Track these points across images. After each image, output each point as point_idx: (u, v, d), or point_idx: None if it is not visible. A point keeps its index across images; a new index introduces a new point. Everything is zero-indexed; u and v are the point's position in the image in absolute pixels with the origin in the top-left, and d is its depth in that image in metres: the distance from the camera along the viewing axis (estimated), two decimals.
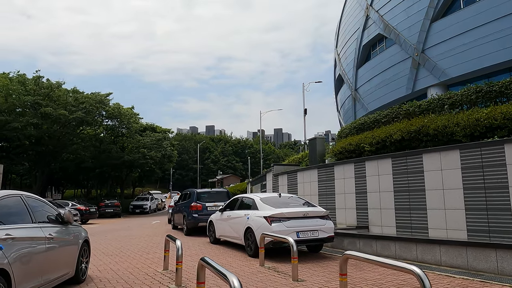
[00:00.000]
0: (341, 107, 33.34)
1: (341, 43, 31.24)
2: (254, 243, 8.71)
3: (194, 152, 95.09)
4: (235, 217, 9.96)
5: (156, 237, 13.84)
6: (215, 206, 13.96)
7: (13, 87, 30.94)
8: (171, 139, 47.19)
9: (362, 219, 12.30)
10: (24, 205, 4.83)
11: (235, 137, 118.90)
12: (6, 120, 30.22)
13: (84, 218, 24.29)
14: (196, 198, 14.09)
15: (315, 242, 8.70)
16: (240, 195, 11.33)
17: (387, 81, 23.92)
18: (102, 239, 13.90)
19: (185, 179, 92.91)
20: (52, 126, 32.01)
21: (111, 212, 31.69)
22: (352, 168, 12.98)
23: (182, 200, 15.71)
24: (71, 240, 5.93)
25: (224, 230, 10.66)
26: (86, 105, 32.35)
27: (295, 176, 16.64)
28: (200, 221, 13.59)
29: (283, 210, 8.55)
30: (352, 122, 16.45)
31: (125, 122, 36.68)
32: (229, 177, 78.59)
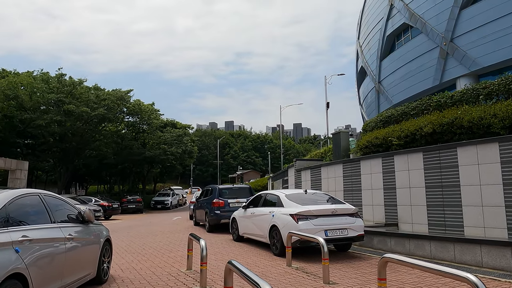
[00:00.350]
0: (363, 100, 32.50)
1: (363, 34, 30.36)
2: (279, 242, 8.36)
3: (214, 148, 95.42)
4: (259, 215, 9.62)
5: (178, 234, 13.66)
6: (237, 203, 13.67)
7: (37, 85, 31.46)
8: (191, 135, 47.25)
9: (391, 216, 11.77)
10: (43, 204, 4.61)
11: (254, 132, 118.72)
12: (31, 118, 30.79)
13: (107, 214, 24.48)
14: (218, 194, 13.83)
15: (345, 241, 8.28)
16: (264, 191, 10.98)
17: (412, 72, 23.05)
18: (125, 235, 13.83)
19: (205, 174, 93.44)
20: (75, 123, 32.43)
21: (133, 208, 31.92)
22: (379, 163, 12.44)
23: (204, 197, 15.49)
24: (92, 240, 5.71)
25: (247, 227, 10.35)
26: (107, 101, 32.60)
27: (318, 171, 16.18)
28: (222, 218, 13.33)
29: (310, 208, 8.15)
30: (378, 115, 15.83)
31: (145, 118, 36.86)
32: (249, 173, 78.51)
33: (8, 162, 22.06)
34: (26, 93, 31.12)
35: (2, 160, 21.69)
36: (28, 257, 3.75)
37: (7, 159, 22.33)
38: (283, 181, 24.09)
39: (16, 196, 4.15)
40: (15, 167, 22.42)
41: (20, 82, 31.19)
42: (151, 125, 38.17)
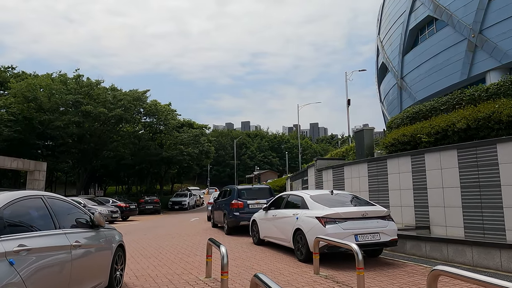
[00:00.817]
0: (384, 97, 31.50)
1: (384, 29, 29.39)
2: (305, 247, 7.74)
3: (231, 148, 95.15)
4: (281, 217, 9.02)
5: (196, 236, 13.18)
6: (257, 204, 13.10)
7: (55, 86, 31.62)
8: (208, 135, 46.96)
9: (422, 218, 10.99)
10: (46, 207, 4.12)
11: (271, 132, 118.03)
12: (49, 119, 30.97)
13: (124, 215, 24.28)
14: (237, 195, 13.28)
15: (376, 246, 7.59)
16: (286, 192, 10.35)
17: (438, 67, 22.05)
18: (141, 238, 13.43)
19: (222, 175, 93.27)
20: (93, 124, 32.49)
21: (151, 209, 31.74)
22: (408, 161, 11.66)
23: (222, 197, 14.98)
24: (103, 246, 5.22)
25: (269, 230, 9.75)
26: (124, 102, 32.54)
27: (341, 170, 15.46)
28: (241, 220, 12.78)
29: (339, 210, 7.50)
30: (404, 111, 15.03)
31: (162, 119, 36.71)
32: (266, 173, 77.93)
33: (27, 163, 22.06)
34: (44, 94, 31.33)
35: (20, 161, 21.70)
36: (25, 270, 3.25)
37: (25, 160, 22.34)
38: (303, 181, 23.41)
39: (14, 199, 3.66)
40: (33, 168, 22.41)
41: (39, 84, 31.42)
42: (168, 125, 38.01)
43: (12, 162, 21.19)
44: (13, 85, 31.53)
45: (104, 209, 21.25)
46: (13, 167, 21.40)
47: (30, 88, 30.60)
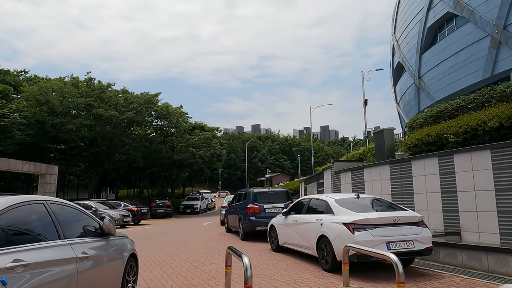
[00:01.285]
0: (400, 98, 30.66)
1: (400, 27, 28.61)
2: (331, 256, 7.13)
3: (242, 151, 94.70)
4: (303, 223, 8.42)
5: (210, 242, 12.64)
6: (274, 208, 12.53)
7: (66, 89, 31.52)
8: (220, 138, 46.56)
9: (451, 223, 10.28)
10: (48, 215, 3.61)
11: (282, 135, 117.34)
12: (61, 123, 30.85)
13: (136, 219, 23.90)
14: (253, 199, 12.71)
15: (410, 255, 6.96)
16: (307, 196, 9.75)
17: (458, 65, 21.22)
18: (154, 243, 12.95)
19: (233, 178, 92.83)
20: (105, 128, 32.32)
21: (163, 213, 31.36)
22: (435, 163, 10.97)
23: (237, 201, 14.43)
24: (114, 256, 4.71)
25: (289, 237, 9.16)
26: (135, 105, 32.31)
27: (361, 173, 14.80)
28: (258, 225, 12.21)
29: (368, 215, 6.89)
30: (428, 110, 14.31)
31: (174, 121, 36.39)
32: (278, 176, 77.23)
33: (38, 167, 21.83)
34: (56, 98, 31.26)
35: (32, 165, 21.48)
36: None
37: (37, 164, 22.12)
38: (318, 184, 22.75)
39: (10, 205, 3.16)
40: (45, 171, 22.18)
41: (51, 87, 31.36)
42: (179, 128, 37.69)
43: (23, 165, 20.98)
44: (25, 88, 31.54)
45: (116, 213, 20.89)
46: (25, 171, 21.17)
47: (42, 92, 30.54)
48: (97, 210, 20.88)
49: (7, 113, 31.06)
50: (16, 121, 30.97)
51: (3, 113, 30.83)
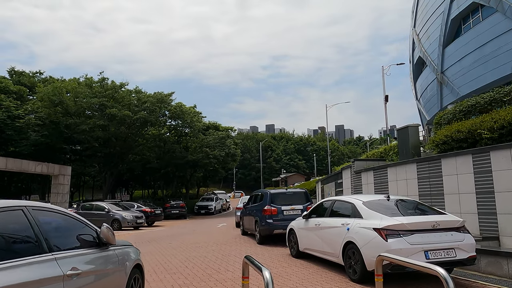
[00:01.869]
0: (421, 95, 29.53)
1: (421, 21, 27.50)
2: (359, 265, 6.37)
3: (256, 151, 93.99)
4: (327, 227, 7.67)
5: (225, 246, 11.98)
6: (292, 210, 11.80)
7: (80, 89, 31.39)
8: (234, 138, 45.98)
9: (488, 227, 9.37)
10: (28, 224, 2.97)
11: (297, 135, 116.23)
12: (75, 123, 30.73)
13: (150, 221, 23.45)
14: (270, 200, 11.99)
15: (451, 265, 6.14)
16: (330, 198, 8.97)
17: (485, 58, 20.12)
18: (166, 247, 12.36)
19: (247, 178, 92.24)
20: (119, 128, 32.06)
21: (177, 214, 30.91)
22: (469, 161, 10.06)
23: (253, 203, 13.74)
24: (114, 270, 4.06)
25: (311, 242, 8.42)
26: (148, 104, 31.97)
27: (384, 172, 13.93)
28: (275, 228, 11.49)
29: (403, 220, 6.10)
30: (457, 105, 13.36)
31: (187, 121, 35.94)
32: (293, 176, 76.31)
33: (51, 167, 21.56)
34: (70, 98, 31.14)
35: (45, 166, 21.22)
36: None
37: (50, 164, 21.85)
38: (336, 184, 21.91)
39: None
40: (57, 172, 21.90)
41: (65, 87, 31.27)
42: (193, 127, 37.23)
43: (36, 166, 20.72)
44: (39, 89, 31.54)
45: (129, 215, 20.45)
46: (38, 172, 20.92)
47: (56, 92, 30.47)
48: (110, 211, 20.49)
49: (22, 114, 31.11)
50: (31, 122, 30.99)
51: (18, 114, 30.90)
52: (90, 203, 22.64)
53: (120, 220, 20.02)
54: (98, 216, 20.72)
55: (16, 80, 38.03)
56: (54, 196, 21.80)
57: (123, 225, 20.03)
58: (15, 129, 30.39)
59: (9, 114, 30.25)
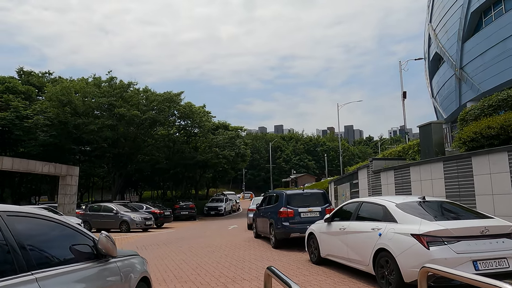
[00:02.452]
0: (438, 92, 28.53)
1: (437, 15, 26.52)
2: (395, 275, 5.62)
3: (266, 152, 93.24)
4: (354, 232, 6.92)
5: (238, 250, 11.29)
6: (310, 212, 11.06)
7: (88, 89, 31.02)
8: (244, 138, 45.32)
9: None
10: (2, 235, 2.30)
11: (306, 135, 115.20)
12: (83, 123, 30.34)
13: (159, 222, 22.87)
14: (286, 201, 11.27)
15: (504, 277, 5.35)
16: (356, 199, 8.19)
17: (508, 52, 19.14)
18: (176, 251, 11.71)
19: (257, 179, 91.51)
20: (127, 128, 31.61)
21: (186, 215, 30.33)
22: (504, 159, 9.23)
23: (267, 204, 13.03)
24: (115, 286, 3.39)
25: (334, 248, 7.67)
26: (156, 103, 31.48)
27: (406, 172, 13.12)
28: (292, 231, 10.76)
29: (448, 225, 5.34)
30: (485, 99, 12.49)
31: (197, 121, 35.36)
32: (303, 176, 75.40)
33: (58, 168, 21.11)
34: (79, 98, 30.77)
35: (52, 166, 20.78)
36: None
37: (57, 165, 21.41)
38: (351, 185, 21.10)
39: None
40: (65, 172, 21.45)
41: (73, 87, 30.91)
42: (202, 127, 36.67)
43: (43, 166, 20.29)
44: (48, 89, 31.24)
45: (138, 216, 19.88)
46: (45, 172, 20.49)
47: (64, 92, 30.12)
48: (118, 212, 19.95)
49: (31, 114, 30.82)
50: (39, 122, 30.68)
51: (26, 114, 30.60)
52: (98, 204, 22.14)
53: (129, 221, 19.46)
54: (106, 218, 20.21)
55: (25, 80, 37.84)
56: (61, 197, 21.35)
57: (132, 227, 19.46)
58: (23, 130, 30.11)
59: (18, 114, 29.98)
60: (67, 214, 21.16)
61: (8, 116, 29.37)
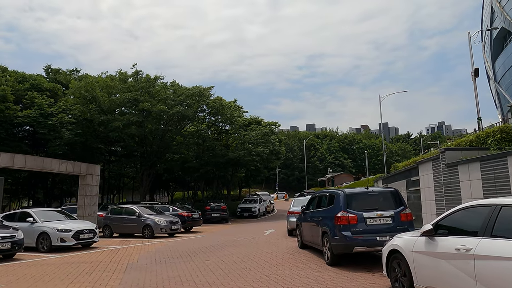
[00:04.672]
0: (503, 75, 24.62)
1: None
2: None
3: (299, 150, 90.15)
4: (491, 257, 4.04)
5: (283, 268, 8.57)
6: (379, 218, 8.21)
7: (113, 84, 29.35)
8: (278, 134, 42.54)
9: None
10: None
11: (341, 133, 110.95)
12: (108, 120, 28.68)
13: (187, 226, 20.57)
14: (345, 203, 8.45)
15: None
16: (483, 201, 5.19)
17: None
18: (201, 267, 9.16)
19: (290, 179, 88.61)
20: (155, 125, 29.66)
21: (217, 217, 27.97)
22: None
23: (316, 207, 10.26)
24: None
25: (447, 279, 4.79)
26: (184, 97, 29.35)
27: (501, 164, 9.93)
28: (356, 244, 7.95)
29: None
30: None
31: (228, 115, 32.96)
32: (340, 175, 71.78)
33: (77, 166, 19.22)
34: (104, 94, 29.14)
35: (69, 164, 18.90)
36: None
37: (76, 163, 19.53)
38: (409, 183, 17.92)
39: None
40: (84, 171, 19.54)
41: (97, 82, 29.33)
42: (234, 123, 34.25)
43: (60, 165, 18.43)
44: (72, 84, 29.85)
45: (162, 220, 17.61)
46: (62, 171, 18.62)
47: (88, 88, 28.57)
48: (140, 216, 17.76)
49: (55, 112, 29.50)
50: (64, 120, 29.32)
51: (51, 111, 29.30)
52: (120, 206, 20.09)
53: (152, 226, 17.21)
54: (129, 221, 18.09)
55: (52, 78, 36.88)
56: (81, 199, 19.45)
57: (156, 232, 17.20)
58: (48, 128, 28.81)
59: (42, 112, 28.71)
60: (86, 217, 19.26)
61: (32, 114, 28.13)
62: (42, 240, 12.88)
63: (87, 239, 13.47)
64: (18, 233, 11.37)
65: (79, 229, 13.20)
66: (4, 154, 16.42)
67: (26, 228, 13.11)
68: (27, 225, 13.24)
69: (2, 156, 15.98)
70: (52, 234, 12.71)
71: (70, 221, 13.97)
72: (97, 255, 11.77)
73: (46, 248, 12.77)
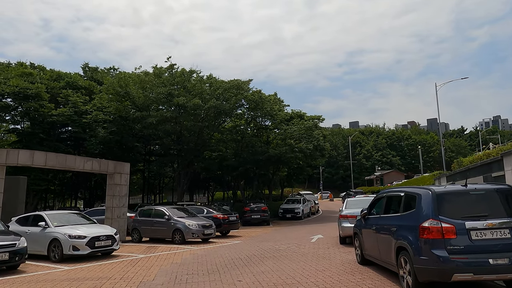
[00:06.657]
0: None
1: None
2: None
3: (343, 148, 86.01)
4: None
5: None
6: (490, 230, 5.49)
7: (147, 78, 27.99)
8: (322, 129, 39.56)
9: None
10: None
11: (388, 129, 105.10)
12: (143, 116, 27.34)
13: (223, 230, 18.44)
14: (434, 208, 5.79)
15: None
16: None
17: None
18: None
19: (334, 177, 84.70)
20: (191, 121, 27.93)
21: (258, 219, 25.70)
22: None
23: (384, 211, 7.65)
24: None
25: None
26: (221, 90, 27.37)
27: None
28: (456, 270, 5.30)
29: None
30: None
31: (267, 109, 30.57)
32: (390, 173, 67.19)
33: (104, 164, 17.70)
34: (138, 90, 27.85)
35: (95, 162, 17.41)
36: None
37: (102, 160, 18.02)
38: (487, 179, 14.70)
39: None
40: (112, 170, 17.99)
41: (130, 77, 28.10)
42: (274, 117, 31.82)
43: (85, 163, 16.97)
44: (105, 81, 28.86)
45: (194, 223, 15.57)
46: (87, 169, 17.15)
47: (122, 83, 27.39)
48: (170, 218, 15.83)
49: (90, 110, 28.62)
50: (99, 118, 28.35)
51: (85, 109, 28.45)
52: (149, 208, 18.36)
53: (183, 230, 15.22)
54: (158, 224, 16.24)
55: (89, 76, 36.42)
56: (109, 199, 17.91)
57: (187, 237, 15.19)
58: (82, 126, 27.97)
59: (76, 110, 27.90)
60: (115, 220, 17.69)
61: (66, 112, 27.36)
62: (54, 248, 11.19)
63: (104, 247, 11.61)
64: (20, 241, 9.65)
65: (95, 235, 11.37)
66: (23, 151, 15.12)
67: (38, 234, 11.52)
68: (39, 230, 11.62)
69: (20, 154, 14.68)
70: (64, 241, 10.95)
71: (87, 226, 12.19)
72: (109, 268, 9.83)
73: (57, 258, 11.06)
